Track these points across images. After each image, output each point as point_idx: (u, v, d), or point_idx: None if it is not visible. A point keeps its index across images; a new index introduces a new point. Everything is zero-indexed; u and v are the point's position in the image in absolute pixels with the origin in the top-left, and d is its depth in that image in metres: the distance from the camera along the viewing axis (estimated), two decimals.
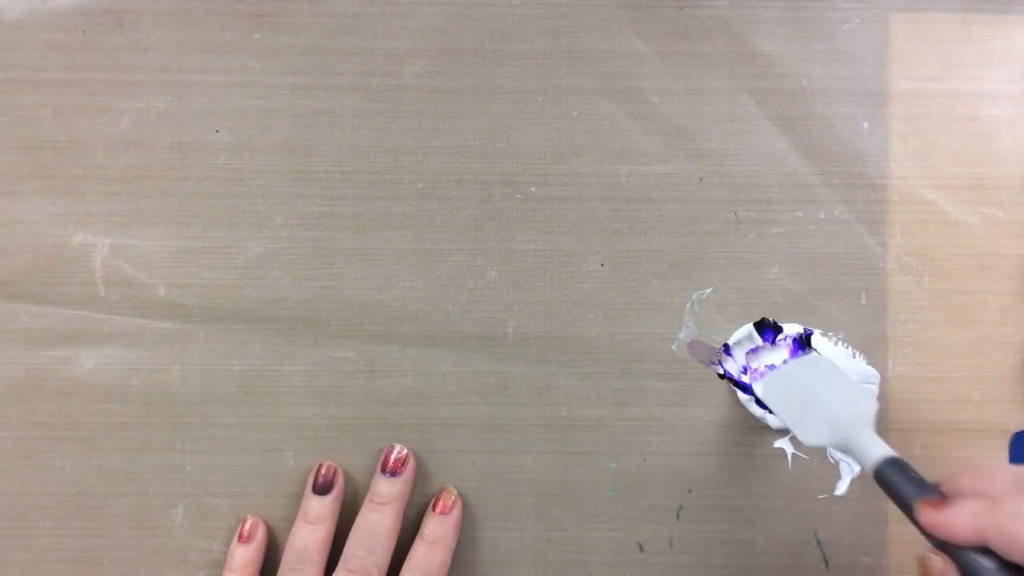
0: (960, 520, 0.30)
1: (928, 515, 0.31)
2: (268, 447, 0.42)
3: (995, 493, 0.30)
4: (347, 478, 0.42)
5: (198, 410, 0.42)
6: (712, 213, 0.43)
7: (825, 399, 0.38)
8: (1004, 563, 0.29)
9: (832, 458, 0.43)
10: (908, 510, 0.32)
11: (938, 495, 0.31)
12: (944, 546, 0.31)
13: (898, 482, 0.33)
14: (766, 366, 0.42)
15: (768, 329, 0.42)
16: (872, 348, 0.43)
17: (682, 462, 0.43)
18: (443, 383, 0.43)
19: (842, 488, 0.42)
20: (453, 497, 0.42)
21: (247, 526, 0.42)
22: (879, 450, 0.35)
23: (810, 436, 0.38)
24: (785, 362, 0.42)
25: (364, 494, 0.42)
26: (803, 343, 0.42)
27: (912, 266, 0.43)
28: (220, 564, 0.42)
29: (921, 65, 0.43)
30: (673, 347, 0.43)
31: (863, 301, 0.43)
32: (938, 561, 0.31)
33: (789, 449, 0.43)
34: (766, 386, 0.41)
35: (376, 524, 0.40)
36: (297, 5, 0.43)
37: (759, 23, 0.43)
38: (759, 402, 0.42)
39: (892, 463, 0.34)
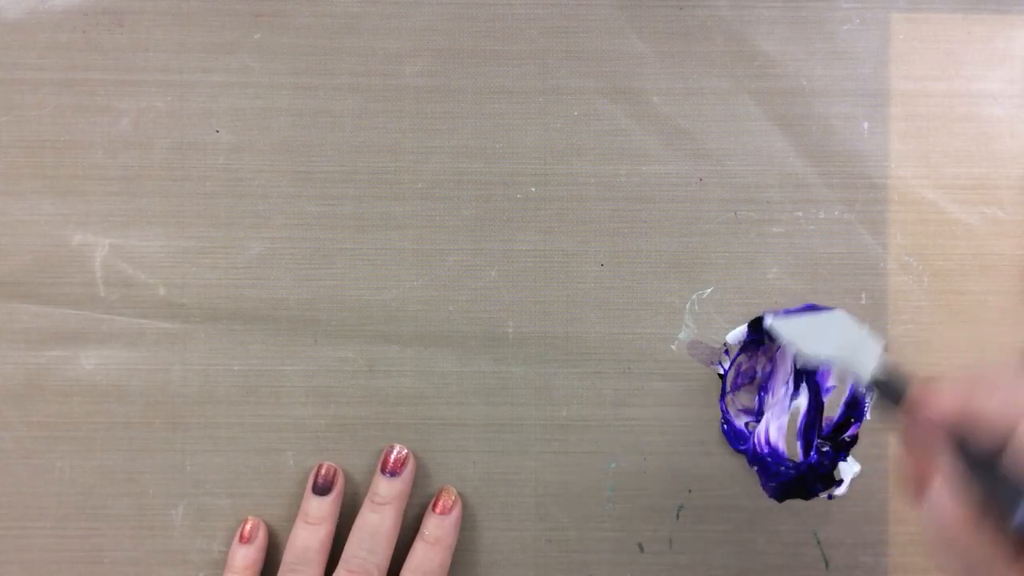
0: (945, 396, 0.30)
1: (920, 393, 0.31)
2: (268, 447, 0.42)
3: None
4: (347, 478, 0.42)
5: (198, 410, 0.42)
6: (712, 213, 0.43)
7: (834, 327, 0.38)
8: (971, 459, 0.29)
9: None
10: (900, 402, 0.32)
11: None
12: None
13: (897, 384, 0.33)
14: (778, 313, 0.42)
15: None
16: None
17: (682, 462, 0.43)
18: (443, 383, 0.43)
19: (842, 488, 0.42)
20: (453, 497, 0.42)
21: (248, 527, 0.42)
22: (883, 359, 0.34)
23: (814, 346, 0.37)
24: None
25: (364, 494, 0.42)
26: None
27: (912, 266, 0.43)
28: (220, 564, 0.42)
29: (921, 65, 0.43)
30: (673, 347, 0.43)
31: (863, 301, 0.43)
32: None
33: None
34: (781, 323, 0.39)
35: (376, 524, 0.40)
36: (297, 5, 0.43)
37: (759, 23, 0.43)
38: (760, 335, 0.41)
39: (895, 371, 0.33)
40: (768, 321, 0.41)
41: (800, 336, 0.38)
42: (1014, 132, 0.43)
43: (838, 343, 0.37)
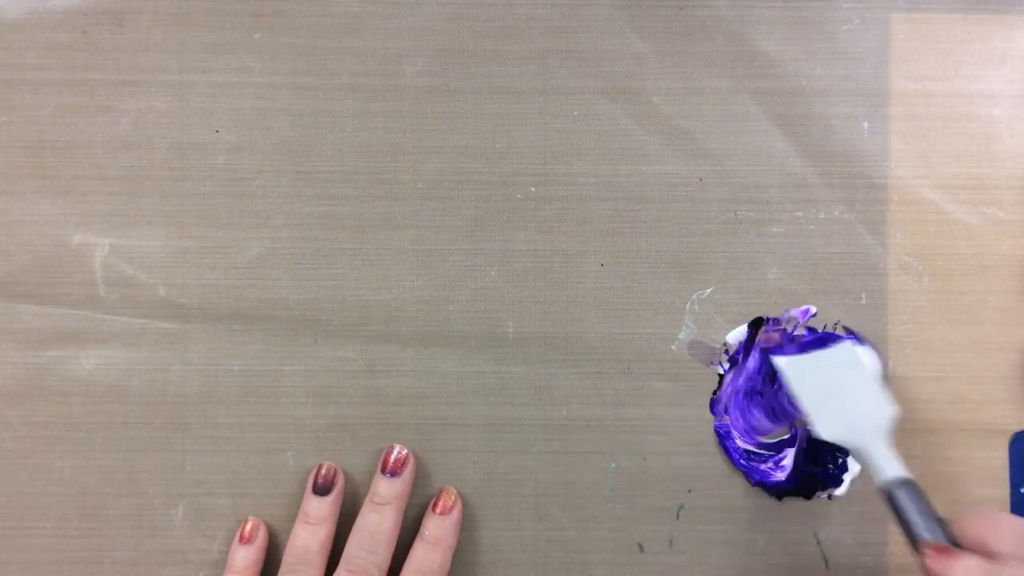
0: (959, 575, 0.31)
1: (932, 560, 0.32)
2: (268, 447, 0.42)
3: (996, 547, 0.31)
4: (347, 478, 0.42)
5: (198, 410, 0.42)
6: (712, 213, 0.43)
7: (848, 396, 0.39)
8: None
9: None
10: (912, 539, 0.33)
11: (944, 537, 0.33)
12: None
13: (907, 508, 0.34)
14: (792, 346, 0.42)
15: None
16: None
17: (682, 462, 0.43)
18: (443, 383, 0.43)
19: (842, 488, 0.42)
20: (453, 497, 0.42)
21: (248, 527, 0.42)
22: (893, 469, 0.35)
23: (827, 429, 0.38)
24: (817, 346, 0.42)
25: (364, 494, 0.42)
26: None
27: (912, 266, 0.43)
28: (220, 564, 0.42)
29: (921, 65, 0.43)
30: (673, 347, 0.43)
31: (863, 301, 0.43)
32: None
33: (791, 451, 0.43)
34: (792, 365, 0.40)
35: (376, 525, 0.40)
36: (297, 5, 0.43)
37: (759, 23, 0.43)
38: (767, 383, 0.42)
39: (905, 485, 0.35)
40: (776, 361, 0.41)
41: (813, 400, 0.39)
42: (1014, 132, 0.43)
43: (853, 417, 0.38)
